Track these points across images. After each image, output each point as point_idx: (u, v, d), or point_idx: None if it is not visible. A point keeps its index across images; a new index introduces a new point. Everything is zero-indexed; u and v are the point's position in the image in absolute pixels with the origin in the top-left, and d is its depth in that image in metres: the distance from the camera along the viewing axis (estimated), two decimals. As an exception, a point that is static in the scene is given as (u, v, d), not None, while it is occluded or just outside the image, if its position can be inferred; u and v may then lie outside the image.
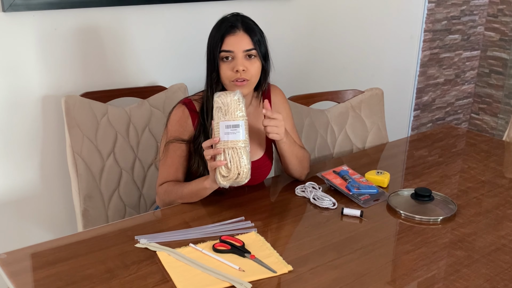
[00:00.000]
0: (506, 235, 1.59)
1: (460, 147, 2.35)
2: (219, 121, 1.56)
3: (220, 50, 1.68)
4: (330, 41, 3.06)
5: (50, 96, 2.17)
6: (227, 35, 1.68)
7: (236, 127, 1.55)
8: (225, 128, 1.54)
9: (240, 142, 1.55)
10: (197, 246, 1.47)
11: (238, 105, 1.56)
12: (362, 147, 2.42)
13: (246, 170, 1.55)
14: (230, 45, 1.68)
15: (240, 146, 1.54)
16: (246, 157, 1.55)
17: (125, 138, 2.17)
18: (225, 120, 1.55)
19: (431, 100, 3.83)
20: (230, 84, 1.71)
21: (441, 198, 1.80)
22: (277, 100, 1.92)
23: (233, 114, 1.55)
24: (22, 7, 2.00)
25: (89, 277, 1.34)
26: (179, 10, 2.40)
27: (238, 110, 1.55)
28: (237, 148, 1.54)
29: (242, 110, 1.56)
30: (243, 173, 1.55)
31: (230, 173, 1.54)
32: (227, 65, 1.69)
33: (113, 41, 2.28)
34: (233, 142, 1.54)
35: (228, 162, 1.54)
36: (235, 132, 1.54)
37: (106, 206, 2.11)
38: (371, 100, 2.46)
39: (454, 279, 1.38)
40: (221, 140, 1.54)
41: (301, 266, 1.41)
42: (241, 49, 1.68)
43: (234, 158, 1.54)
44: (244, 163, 1.54)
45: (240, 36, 1.68)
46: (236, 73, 1.68)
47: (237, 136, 1.55)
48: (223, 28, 1.69)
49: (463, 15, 3.77)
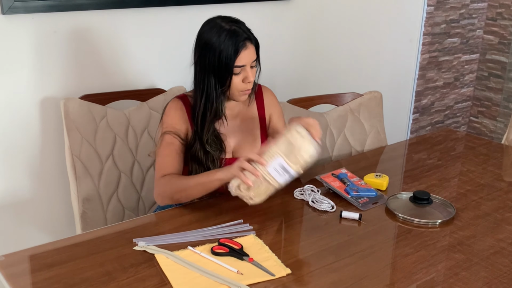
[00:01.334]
0: (505, 238, 1.59)
1: (459, 150, 2.35)
2: (279, 153, 1.52)
3: (235, 65, 1.67)
4: (329, 44, 3.07)
5: (49, 99, 2.17)
6: (242, 50, 1.66)
7: (286, 172, 1.53)
8: (278, 165, 1.52)
9: (277, 184, 1.54)
10: (195, 249, 1.47)
11: (306, 158, 1.52)
12: (361, 150, 2.42)
13: (258, 201, 1.56)
14: (243, 59, 1.67)
15: (273, 187, 1.54)
16: (266, 196, 1.56)
17: (124, 140, 2.17)
18: (284, 160, 1.51)
19: (430, 104, 3.83)
20: (238, 93, 1.73)
21: (440, 201, 1.80)
22: (268, 99, 1.94)
23: (295, 160, 1.51)
24: (21, 10, 2.00)
25: (87, 279, 1.33)
26: (178, 13, 2.40)
27: (302, 162, 1.52)
28: (270, 185, 1.54)
29: (303, 164, 1.52)
30: (254, 201, 1.56)
31: (247, 193, 1.54)
32: (238, 78, 1.69)
33: (112, 44, 2.28)
34: (272, 180, 1.53)
35: (253, 186, 1.53)
36: (282, 174, 1.52)
37: (105, 209, 2.11)
38: (370, 103, 2.46)
39: (453, 282, 1.38)
40: (266, 169, 1.52)
41: (299, 269, 1.41)
42: (250, 61, 1.69)
43: (259, 188, 1.54)
44: (261, 198, 1.56)
45: (250, 49, 1.68)
46: (247, 84, 1.71)
47: (280, 178, 1.53)
48: (237, 44, 1.65)
49: (462, 19, 3.77)
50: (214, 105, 1.72)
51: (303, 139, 1.53)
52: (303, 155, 1.51)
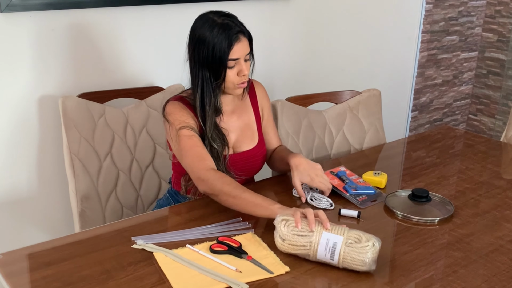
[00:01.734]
0: (503, 236, 1.59)
1: (457, 148, 2.35)
2: (346, 236, 1.39)
3: (229, 59, 1.67)
4: (328, 42, 3.06)
5: (47, 97, 2.16)
6: (235, 43, 1.66)
7: (331, 254, 1.39)
8: (333, 242, 1.39)
9: (312, 254, 1.41)
10: (194, 247, 1.46)
11: (354, 265, 1.38)
12: (360, 148, 2.42)
13: (283, 248, 1.44)
14: (237, 52, 1.68)
15: (306, 252, 1.42)
16: (292, 251, 1.43)
17: (123, 139, 2.16)
18: (343, 245, 1.38)
19: (429, 101, 3.83)
20: (234, 87, 1.73)
21: (439, 199, 1.80)
22: (261, 93, 1.96)
23: (349, 254, 1.38)
24: (19, 8, 1.99)
25: (86, 278, 1.33)
26: (176, 10, 2.40)
27: (350, 261, 1.38)
28: (305, 249, 1.41)
29: (347, 264, 1.39)
30: (280, 244, 1.44)
31: (284, 233, 1.42)
32: (233, 71, 1.70)
33: (110, 42, 2.28)
34: (314, 248, 1.40)
35: (298, 228, 1.43)
36: (326, 251, 1.39)
37: (103, 207, 2.11)
38: (368, 101, 2.46)
39: (452, 280, 1.38)
40: (321, 234, 1.40)
41: (298, 267, 1.40)
42: (244, 54, 1.70)
43: (296, 241, 1.42)
44: (287, 248, 1.43)
45: (243, 42, 1.69)
46: (242, 77, 1.71)
47: (321, 252, 1.40)
48: (230, 37, 1.65)
49: (460, 16, 3.77)
50: (212, 98, 1.72)
51: (372, 254, 1.37)
52: (359, 258, 1.37)
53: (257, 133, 1.90)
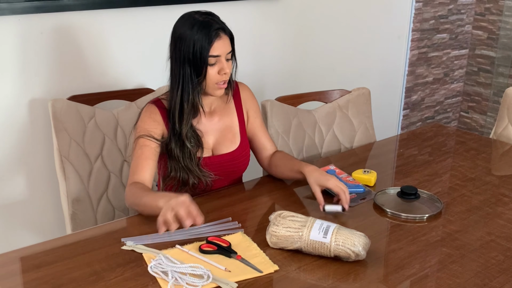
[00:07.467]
0: (494, 231, 1.60)
1: (449, 145, 2.36)
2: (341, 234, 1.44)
3: (209, 55, 1.67)
4: (318, 41, 3.07)
5: (37, 100, 2.16)
6: (215, 40, 1.67)
7: (324, 236, 1.44)
8: (326, 224, 1.46)
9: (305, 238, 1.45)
10: (183, 247, 1.47)
11: (348, 247, 1.42)
12: (350, 147, 2.42)
13: (273, 239, 1.48)
14: (218, 49, 1.68)
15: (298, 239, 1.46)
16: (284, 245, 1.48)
17: (113, 141, 2.16)
18: (336, 227, 1.45)
19: (420, 99, 3.84)
20: (214, 86, 1.72)
21: (427, 196, 1.81)
22: (245, 95, 1.93)
23: (343, 238, 1.43)
24: (7, 11, 1.99)
25: (75, 279, 1.33)
26: (165, 12, 2.40)
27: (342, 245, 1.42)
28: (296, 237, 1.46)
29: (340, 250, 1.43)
30: (273, 233, 1.48)
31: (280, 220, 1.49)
32: (214, 69, 1.69)
33: (99, 44, 2.28)
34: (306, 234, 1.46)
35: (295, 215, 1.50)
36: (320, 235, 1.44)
37: (95, 210, 2.11)
38: (358, 100, 2.47)
39: (445, 275, 1.38)
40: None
41: (287, 265, 1.41)
42: (225, 52, 1.70)
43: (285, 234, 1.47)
44: (276, 242, 1.48)
45: (224, 39, 1.69)
46: (223, 75, 1.70)
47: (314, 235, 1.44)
48: (210, 33, 1.66)
49: (450, 14, 3.78)
50: (190, 96, 1.72)
51: (364, 240, 1.43)
52: (352, 238, 1.42)
53: (239, 136, 1.88)
